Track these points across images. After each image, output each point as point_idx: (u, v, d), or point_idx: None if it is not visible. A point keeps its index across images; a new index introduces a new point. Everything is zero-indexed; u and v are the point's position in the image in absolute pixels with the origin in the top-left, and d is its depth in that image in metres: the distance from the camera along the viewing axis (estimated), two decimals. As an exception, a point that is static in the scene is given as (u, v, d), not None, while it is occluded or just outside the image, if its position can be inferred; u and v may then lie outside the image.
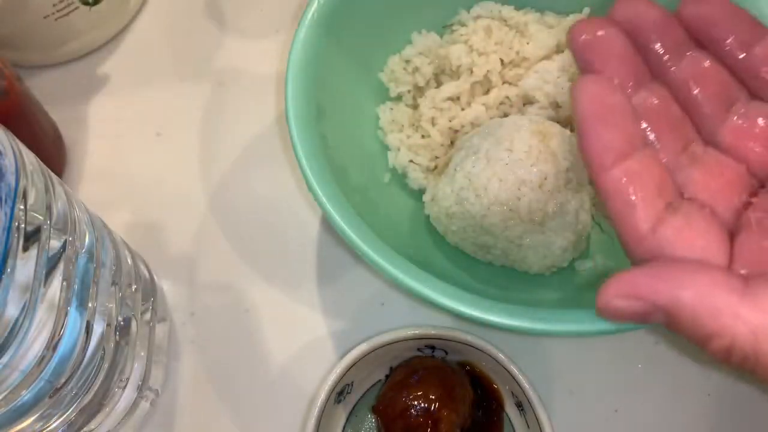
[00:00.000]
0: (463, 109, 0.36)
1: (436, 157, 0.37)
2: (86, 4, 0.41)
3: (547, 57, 0.36)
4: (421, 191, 0.37)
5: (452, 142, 0.37)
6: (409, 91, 0.38)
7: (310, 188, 0.30)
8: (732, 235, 0.21)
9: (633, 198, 0.20)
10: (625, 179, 0.20)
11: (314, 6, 0.33)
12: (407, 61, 0.38)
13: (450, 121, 0.36)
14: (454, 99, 0.37)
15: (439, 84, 0.38)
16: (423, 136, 0.37)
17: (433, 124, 0.37)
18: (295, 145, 0.31)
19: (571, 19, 0.38)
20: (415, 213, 0.37)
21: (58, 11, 0.40)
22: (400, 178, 0.38)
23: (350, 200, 0.31)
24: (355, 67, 0.37)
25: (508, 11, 0.38)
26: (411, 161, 0.37)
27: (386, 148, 0.38)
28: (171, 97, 0.43)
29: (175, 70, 0.44)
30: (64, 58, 0.44)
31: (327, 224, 0.40)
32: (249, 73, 0.44)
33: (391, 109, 0.38)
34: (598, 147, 0.20)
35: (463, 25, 0.38)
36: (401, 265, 0.29)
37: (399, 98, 0.39)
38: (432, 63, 0.38)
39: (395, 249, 0.30)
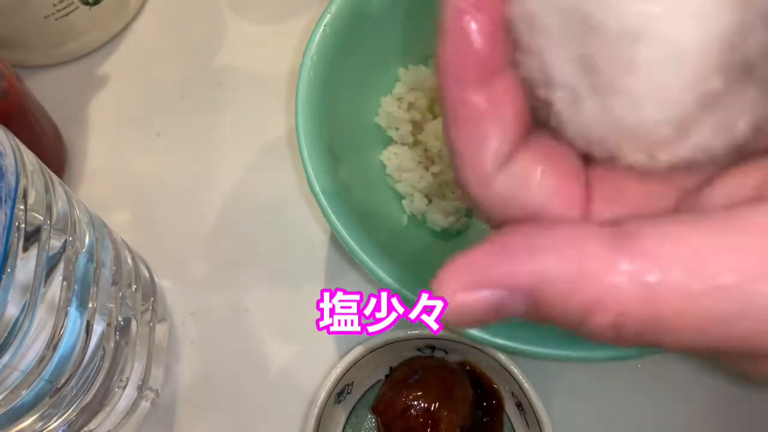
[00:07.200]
0: None
1: (452, 192, 0.36)
2: (86, 4, 0.41)
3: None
4: (445, 230, 0.36)
5: None
6: (409, 131, 0.37)
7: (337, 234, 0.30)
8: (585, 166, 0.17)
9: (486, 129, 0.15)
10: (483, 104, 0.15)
11: (313, 50, 0.32)
12: (399, 99, 0.37)
13: None
14: None
15: (435, 115, 0.37)
16: (434, 174, 0.36)
17: (440, 156, 0.36)
18: (318, 196, 0.31)
19: None
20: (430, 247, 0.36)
21: (58, 11, 0.40)
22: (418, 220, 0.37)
23: (373, 238, 0.30)
24: (354, 115, 0.36)
25: None
26: (428, 204, 0.36)
27: (399, 195, 0.37)
28: (171, 97, 0.43)
29: (175, 70, 0.44)
30: (64, 58, 0.44)
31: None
32: (249, 73, 0.44)
33: (395, 153, 0.37)
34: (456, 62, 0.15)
35: None
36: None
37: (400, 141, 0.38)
38: (426, 95, 0.37)
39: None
